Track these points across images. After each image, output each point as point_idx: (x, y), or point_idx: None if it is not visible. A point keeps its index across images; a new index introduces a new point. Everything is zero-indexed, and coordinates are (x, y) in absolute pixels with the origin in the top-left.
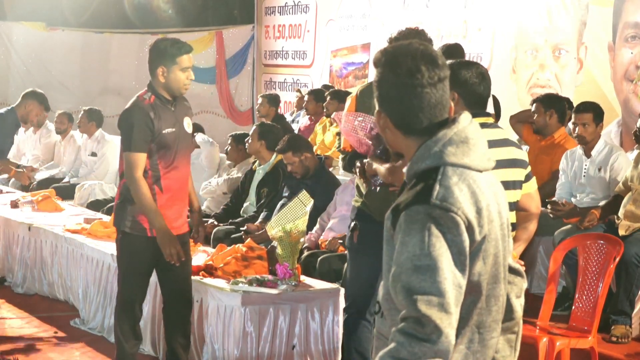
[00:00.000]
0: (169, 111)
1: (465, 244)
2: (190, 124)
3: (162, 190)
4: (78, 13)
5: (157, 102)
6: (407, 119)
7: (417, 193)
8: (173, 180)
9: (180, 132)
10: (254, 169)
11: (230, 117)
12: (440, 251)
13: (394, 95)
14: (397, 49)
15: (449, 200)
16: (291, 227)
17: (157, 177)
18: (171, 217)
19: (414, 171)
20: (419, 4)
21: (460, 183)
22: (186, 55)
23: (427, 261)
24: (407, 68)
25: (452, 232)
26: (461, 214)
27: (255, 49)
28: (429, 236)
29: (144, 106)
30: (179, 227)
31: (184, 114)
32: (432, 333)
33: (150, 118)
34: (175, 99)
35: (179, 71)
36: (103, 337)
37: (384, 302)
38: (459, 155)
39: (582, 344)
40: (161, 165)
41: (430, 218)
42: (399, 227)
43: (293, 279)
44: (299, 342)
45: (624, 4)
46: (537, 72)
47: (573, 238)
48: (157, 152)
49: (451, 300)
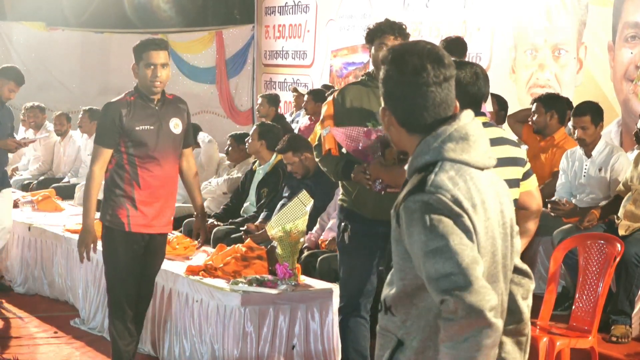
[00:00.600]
0: (150, 109)
1: (467, 222)
2: (178, 124)
3: (140, 187)
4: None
5: (138, 101)
6: (411, 117)
7: (414, 185)
8: (153, 178)
9: (162, 131)
10: (254, 169)
11: (230, 117)
12: (444, 230)
13: (400, 93)
14: (404, 47)
15: (443, 187)
16: (291, 227)
17: (134, 172)
18: (149, 214)
19: (414, 167)
20: (418, 4)
21: (457, 177)
22: (153, 52)
23: (434, 244)
24: (413, 66)
25: (451, 213)
26: (455, 200)
27: (255, 49)
28: (430, 221)
29: (120, 103)
30: (157, 226)
31: (172, 115)
32: (460, 310)
33: (120, 115)
34: (164, 99)
35: (144, 67)
36: (103, 337)
37: (393, 300)
38: (457, 151)
39: (582, 343)
40: (138, 162)
41: (427, 205)
42: (402, 221)
43: (293, 279)
44: (298, 342)
45: (623, 3)
46: (536, 72)
47: (573, 238)
48: (133, 148)
49: (469, 271)
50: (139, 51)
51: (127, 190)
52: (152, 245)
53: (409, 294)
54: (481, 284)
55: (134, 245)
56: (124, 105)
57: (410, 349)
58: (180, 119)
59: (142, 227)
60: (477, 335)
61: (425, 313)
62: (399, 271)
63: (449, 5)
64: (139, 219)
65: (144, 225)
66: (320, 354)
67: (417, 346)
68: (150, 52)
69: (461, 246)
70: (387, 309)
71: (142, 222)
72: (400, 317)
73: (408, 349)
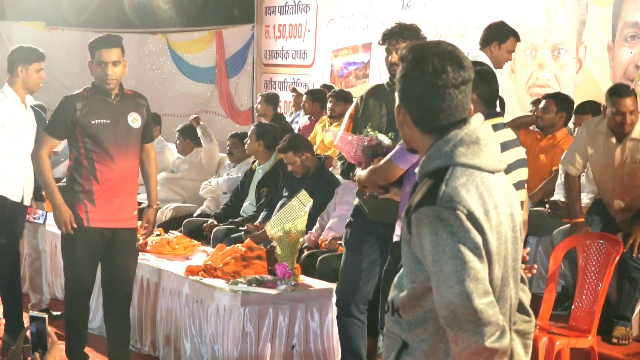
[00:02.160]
0: (107, 104)
1: (477, 239)
2: (137, 119)
3: (99, 182)
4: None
5: (95, 95)
6: (427, 117)
7: (424, 194)
8: (111, 173)
9: (119, 126)
10: (253, 169)
11: (230, 117)
12: (451, 253)
13: (418, 92)
14: (425, 47)
15: (455, 200)
16: (290, 227)
17: (92, 167)
18: (110, 209)
19: (425, 171)
20: (418, 4)
21: (468, 184)
22: (104, 50)
23: (440, 266)
24: (434, 67)
25: (461, 230)
26: (467, 211)
27: (255, 49)
28: (439, 240)
29: (76, 97)
30: (118, 220)
31: (130, 110)
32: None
33: (74, 108)
34: (122, 94)
35: (96, 65)
36: (103, 337)
37: (402, 302)
38: (469, 156)
39: (581, 343)
40: (95, 156)
41: (438, 220)
42: (413, 229)
43: (292, 279)
44: (298, 342)
45: (623, 3)
46: (536, 72)
47: (572, 238)
48: (90, 143)
49: (471, 302)
50: (91, 49)
51: (85, 185)
52: (116, 242)
53: (418, 297)
54: (482, 316)
55: (93, 241)
56: (80, 99)
57: (419, 351)
58: (139, 114)
59: (101, 222)
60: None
61: (435, 315)
62: (410, 274)
63: (447, 5)
64: (98, 214)
65: (103, 220)
66: (320, 354)
67: (428, 349)
68: (101, 51)
69: (465, 272)
70: (395, 311)
71: (101, 217)
72: (406, 319)
73: (417, 351)
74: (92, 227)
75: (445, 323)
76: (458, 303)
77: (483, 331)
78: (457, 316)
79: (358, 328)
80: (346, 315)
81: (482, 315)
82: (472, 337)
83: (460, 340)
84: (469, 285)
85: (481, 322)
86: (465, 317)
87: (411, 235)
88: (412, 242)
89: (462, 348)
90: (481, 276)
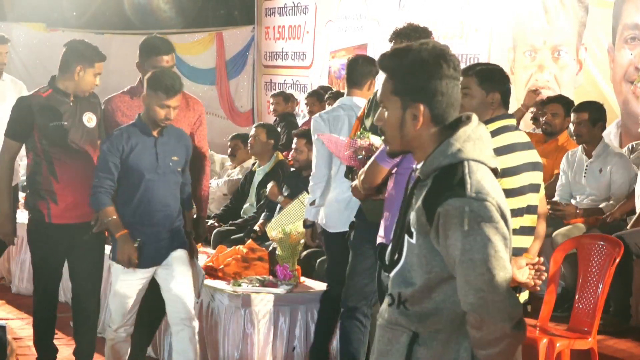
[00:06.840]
0: (65, 105)
1: (505, 230)
2: (92, 118)
3: (58, 180)
4: (78, 14)
5: (54, 95)
6: (446, 113)
7: (450, 186)
8: (71, 172)
9: (76, 126)
10: (253, 170)
11: (230, 119)
12: (482, 243)
13: (444, 89)
14: (440, 45)
15: (483, 191)
16: (291, 228)
17: (51, 167)
18: (69, 206)
19: (434, 166)
20: (415, 4)
21: (486, 178)
22: (101, 63)
23: (470, 255)
24: (454, 64)
25: (491, 221)
26: (495, 203)
27: (255, 50)
28: (470, 230)
29: (32, 98)
30: (77, 216)
31: (85, 109)
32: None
33: (30, 110)
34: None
35: (92, 74)
36: (103, 338)
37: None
38: (477, 152)
39: (582, 344)
40: (54, 157)
41: (469, 211)
42: (439, 222)
43: (293, 280)
44: (299, 343)
45: (623, 5)
46: (535, 73)
47: (573, 239)
48: (48, 145)
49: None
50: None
51: (45, 185)
52: (77, 239)
53: (431, 288)
54: (508, 303)
55: (54, 236)
56: (35, 100)
57: (437, 341)
58: (94, 113)
59: (62, 218)
60: (500, 344)
61: (450, 305)
62: (425, 265)
63: (446, 6)
64: (59, 210)
65: (64, 216)
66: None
67: (445, 337)
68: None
69: (495, 261)
70: (401, 303)
71: (61, 213)
72: (414, 311)
73: (434, 341)
74: (53, 223)
75: (472, 309)
76: (487, 290)
77: (509, 318)
78: (485, 302)
79: (359, 332)
80: (350, 317)
81: (509, 302)
82: (500, 323)
83: (485, 326)
84: (499, 274)
85: (508, 309)
86: (494, 304)
87: (432, 227)
88: (431, 234)
89: (487, 333)
90: (508, 266)
